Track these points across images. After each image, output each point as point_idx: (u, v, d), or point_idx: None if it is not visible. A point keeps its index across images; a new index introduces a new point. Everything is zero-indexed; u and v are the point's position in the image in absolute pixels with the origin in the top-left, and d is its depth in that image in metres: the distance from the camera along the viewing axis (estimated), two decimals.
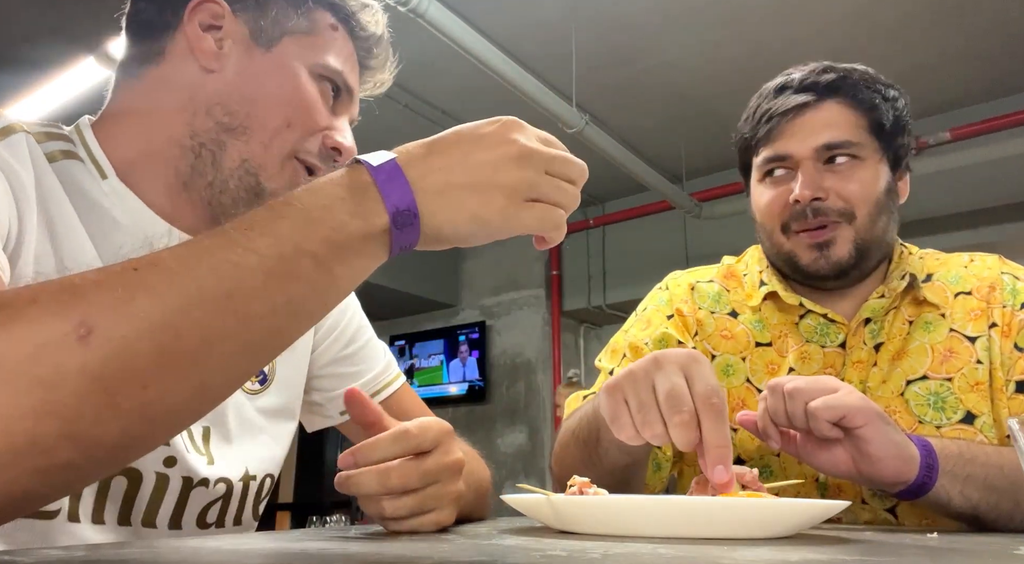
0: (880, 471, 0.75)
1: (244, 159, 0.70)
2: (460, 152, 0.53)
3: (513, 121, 0.55)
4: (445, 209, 0.51)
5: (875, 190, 0.96)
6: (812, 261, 0.96)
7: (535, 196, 0.53)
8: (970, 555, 0.49)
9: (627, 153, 3.99)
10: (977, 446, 0.82)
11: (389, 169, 0.51)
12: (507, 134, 0.54)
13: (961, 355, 0.94)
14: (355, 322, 0.94)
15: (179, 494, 0.70)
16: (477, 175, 0.52)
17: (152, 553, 0.44)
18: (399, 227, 0.50)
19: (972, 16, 3.20)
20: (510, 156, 0.53)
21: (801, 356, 0.99)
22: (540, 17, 3.25)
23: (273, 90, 0.71)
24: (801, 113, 0.97)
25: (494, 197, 0.52)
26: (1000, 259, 1.03)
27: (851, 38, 3.32)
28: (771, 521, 0.56)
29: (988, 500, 0.78)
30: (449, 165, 0.52)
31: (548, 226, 0.55)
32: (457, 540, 0.52)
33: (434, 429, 0.62)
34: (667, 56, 3.53)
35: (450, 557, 0.40)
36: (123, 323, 0.40)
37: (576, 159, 0.57)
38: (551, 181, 0.54)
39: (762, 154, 1.00)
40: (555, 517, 0.59)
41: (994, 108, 3.81)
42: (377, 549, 0.46)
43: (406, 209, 0.50)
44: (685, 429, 0.63)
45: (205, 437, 0.73)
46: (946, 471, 0.76)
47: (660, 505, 0.58)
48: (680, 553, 0.43)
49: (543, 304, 5.39)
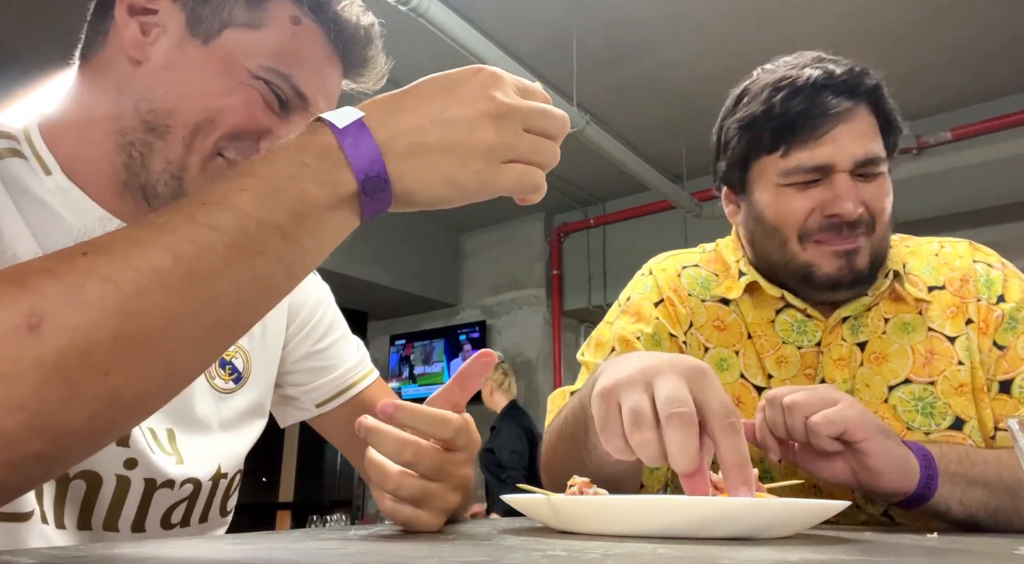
0: (880, 484, 0.74)
1: (168, 161, 0.64)
2: (433, 109, 0.49)
3: (490, 72, 0.51)
4: (417, 173, 0.48)
5: (889, 202, 0.94)
6: (836, 270, 0.91)
7: (512, 157, 0.50)
8: (970, 555, 0.49)
9: (628, 153, 3.99)
10: (976, 452, 0.81)
11: (355, 130, 0.47)
12: (484, 89, 0.50)
13: (943, 356, 0.91)
14: (328, 316, 0.91)
15: (142, 496, 0.67)
16: (451, 135, 0.48)
17: (164, 557, 0.44)
18: (369, 194, 0.48)
19: (972, 16, 3.20)
20: (488, 114, 0.49)
21: (778, 360, 0.97)
22: (540, 17, 3.25)
23: (201, 86, 0.64)
24: (842, 119, 0.90)
25: (470, 160, 0.49)
26: (971, 245, 0.99)
27: (851, 38, 3.32)
28: (771, 521, 0.56)
29: (987, 507, 0.78)
30: (421, 125, 0.48)
31: (526, 189, 0.52)
32: (457, 540, 0.52)
33: (472, 436, 0.60)
34: (667, 56, 3.53)
35: (450, 557, 0.40)
36: (75, 311, 0.39)
37: (556, 110, 0.53)
38: (530, 140, 0.51)
39: (794, 160, 0.91)
40: (555, 517, 0.59)
41: (994, 108, 3.81)
42: (377, 549, 0.46)
43: (376, 175, 0.47)
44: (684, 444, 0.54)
45: (170, 438, 0.71)
46: (945, 481, 0.76)
47: (660, 505, 0.58)
48: (680, 553, 0.43)
49: (543, 303, 5.39)
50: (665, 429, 0.55)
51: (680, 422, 0.55)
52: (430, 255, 5.70)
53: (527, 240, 5.59)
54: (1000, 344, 0.90)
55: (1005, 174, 3.76)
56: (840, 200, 0.89)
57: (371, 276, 5.18)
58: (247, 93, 0.65)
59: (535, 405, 5.26)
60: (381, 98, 0.50)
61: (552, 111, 0.53)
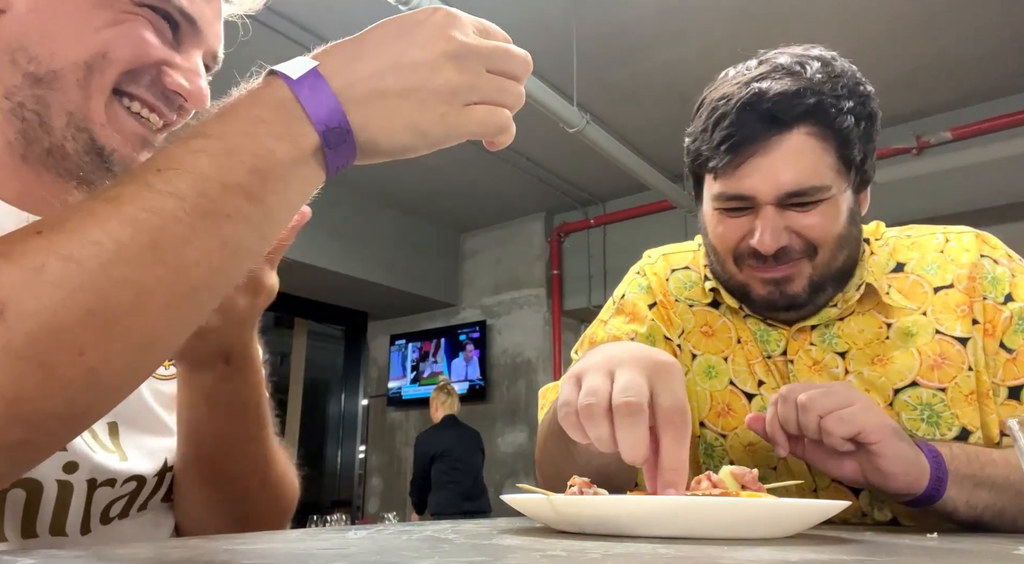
0: (890, 484, 0.74)
1: (69, 113, 0.59)
2: (391, 53, 0.47)
3: (447, 12, 0.49)
4: (379, 120, 0.46)
5: (838, 226, 0.86)
6: (767, 294, 0.89)
7: (476, 98, 0.48)
8: (970, 555, 0.49)
9: (628, 152, 3.99)
10: (985, 453, 0.79)
11: (311, 81, 0.45)
12: (443, 29, 0.48)
13: (954, 361, 0.86)
14: None
15: (85, 498, 0.64)
16: (411, 79, 0.46)
17: (164, 557, 0.44)
18: (332, 146, 0.46)
19: (972, 16, 3.20)
20: (447, 55, 0.47)
21: (766, 370, 0.95)
22: (540, 17, 3.25)
23: (81, 21, 0.58)
24: (767, 148, 0.83)
25: (432, 103, 0.47)
26: (978, 237, 0.93)
27: (851, 38, 3.32)
28: (771, 521, 0.56)
29: (993, 508, 0.77)
30: (379, 70, 0.46)
31: (492, 130, 0.50)
32: (457, 540, 0.52)
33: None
34: (667, 56, 3.53)
35: (450, 557, 0.40)
36: (38, 294, 0.37)
37: (518, 50, 0.51)
38: (493, 81, 0.49)
39: (718, 186, 0.88)
40: (555, 517, 0.59)
41: (994, 108, 3.81)
42: (377, 549, 0.46)
43: (337, 125, 0.45)
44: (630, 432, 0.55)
45: (112, 432, 0.67)
46: (955, 482, 0.75)
47: (660, 505, 0.58)
48: (680, 553, 0.43)
49: (544, 303, 5.39)
50: (615, 417, 0.56)
51: (627, 410, 0.56)
52: (430, 255, 5.70)
53: (527, 240, 5.59)
54: (1009, 347, 0.85)
55: (1005, 174, 3.76)
56: (759, 234, 0.85)
57: (371, 276, 5.18)
58: (134, 22, 0.59)
59: (536, 405, 5.25)
60: (335, 45, 0.48)
61: (513, 50, 0.51)
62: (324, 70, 0.46)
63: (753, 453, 0.93)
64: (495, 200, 5.29)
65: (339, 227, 4.92)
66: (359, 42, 0.48)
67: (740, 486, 0.65)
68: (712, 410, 0.97)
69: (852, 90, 0.86)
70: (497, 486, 4.94)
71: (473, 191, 5.08)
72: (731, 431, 0.95)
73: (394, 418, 6.01)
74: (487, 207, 5.42)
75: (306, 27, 3.25)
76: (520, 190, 5.05)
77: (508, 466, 5.24)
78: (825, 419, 0.73)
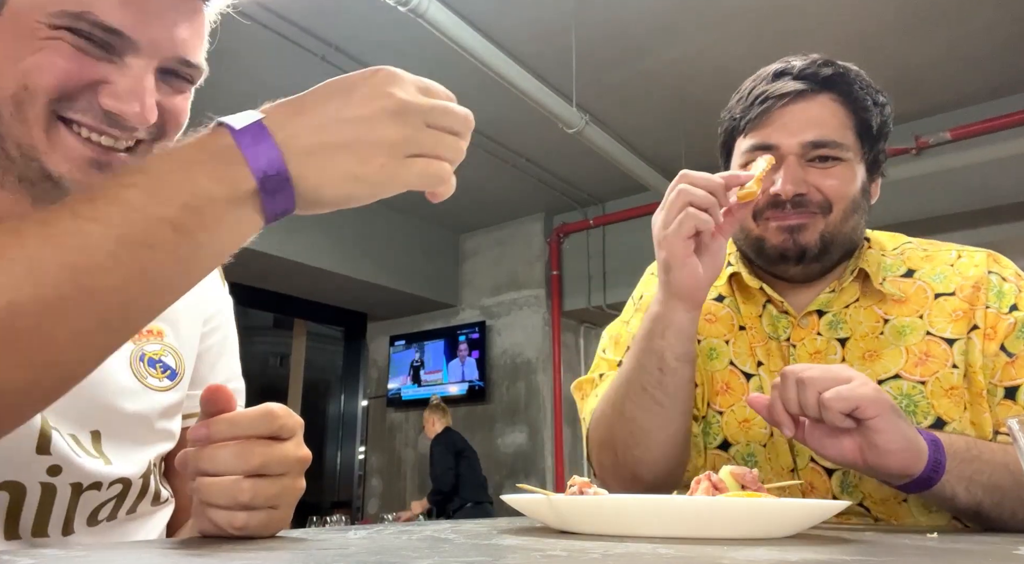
0: (888, 463, 0.75)
1: (18, 144, 0.59)
2: (333, 108, 0.49)
3: (389, 72, 0.52)
4: (320, 170, 0.48)
5: (852, 189, 0.96)
6: (781, 242, 0.95)
7: (416, 151, 0.51)
8: (970, 555, 0.49)
9: (627, 153, 3.99)
10: (984, 443, 0.81)
11: (254, 131, 0.47)
12: (383, 87, 0.50)
13: (937, 358, 0.92)
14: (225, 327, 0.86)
15: (69, 500, 0.65)
16: (351, 132, 0.49)
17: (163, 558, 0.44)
18: (269, 192, 0.47)
19: (972, 16, 3.20)
20: (387, 111, 0.49)
21: (767, 352, 1.00)
22: (540, 17, 3.25)
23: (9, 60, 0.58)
24: (795, 101, 0.95)
25: (372, 155, 0.49)
26: (989, 255, 0.99)
27: (851, 38, 3.32)
28: (771, 521, 0.56)
29: (992, 497, 0.78)
30: (321, 123, 0.49)
31: (432, 181, 0.52)
32: (457, 540, 0.52)
33: (294, 418, 0.55)
34: (667, 56, 3.53)
35: (450, 557, 0.40)
36: None
37: (459, 108, 0.53)
38: (432, 135, 0.51)
39: (748, 140, 0.98)
40: (555, 517, 0.59)
41: (994, 108, 3.81)
42: (377, 549, 0.46)
43: (276, 173, 0.47)
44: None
45: (95, 440, 0.68)
46: (953, 467, 0.76)
47: (660, 505, 0.58)
48: (680, 553, 0.43)
49: (543, 304, 5.39)
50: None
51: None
52: (430, 255, 5.70)
53: (527, 240, 5.59)
54: (1010, 351, 0.90)
55: (1005, 174, 3.76)
56: (781, 181, 0.93)
57: (371, 276, 5.18)
58: (52, 48, 0.58)
59: (536, 406, 5.26)
60: (281, 102, 0.50)
61: (453, 108, 0.53)
62: (268, 122, 0.48)
63: (747, 429, 0.98)
64: (495, 201, 5.29)
65: (339, 228, 4.92)
66: (303, 99, 0.50)
67: (740, 486, 0.65)
68: (712, 389, 1.02)
69: (870, 86, 0.98)
70: (497, 486, 4.94)
71: (473, 191, 5.08)
72: (728, 408, 1.00)
73: (394, 419, 6.01)
74: (487, 207, 5.43)
75: (308, 30, 3.26)
76: (520, 191, 5.06)
77: (508, 466, 5.25)
78: (824, 395, 0.74)
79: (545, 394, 5.25)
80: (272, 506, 0.53)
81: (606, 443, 0.96)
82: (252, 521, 0.52)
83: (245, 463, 0.52)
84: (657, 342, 0.89)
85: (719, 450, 0.99)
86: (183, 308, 0.77)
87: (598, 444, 0.98)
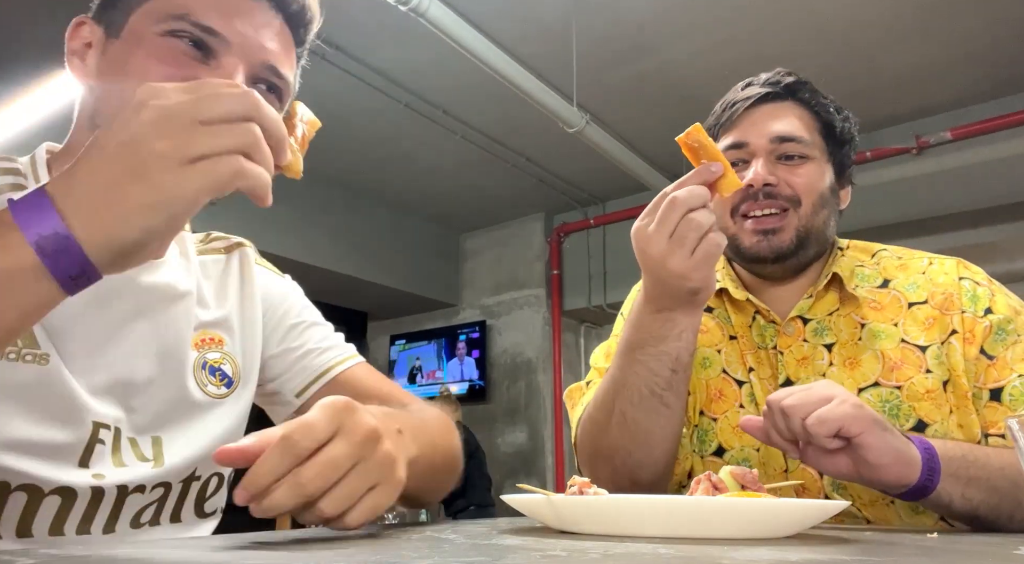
0: (881, 476, 0.75)
1: None
2: (98, 149, 0.46)
3: (145, 87, 0.48)
4: (104, 215, 0.45)
5: (820, 185, 1.01)
6: (756, 243, 0.99)
7: (196, 154, 0.46)
8: (970, 555, 0.49)
9: (627, 152, 3.99)
10: (979, 448, 0.82)
11: (29, 199, 0.45)
12: (139, 105, 0.47)
13: (911, 364, 0.94)
14: (296, 307, 0.91)
15: (113, 503, 0.68)
16: (121, 162, 0.45)
17: (163, 557, 0.44)
18: (49, 255, 0.44)
19: (972, 16, 3.20)
20: (146, 123, 0.46)
21: (757, 360, 1.03)
22: (540, 17, 3.25)
23: (125, 73, 0.65)
24: (762, 103, 1.03)
25: (145, 174, 0.45)
26: (959, 263, 1.02)
27: (850, 38, 3.32)
28: (771, 521, 0.56)
29: (989, 502, 0.78)
30: (92, 168, 0.46)
31: (223, 180, 0.47)
32: (457, 540, 0.52)
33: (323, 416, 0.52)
34: (667, 56, 3.53)
35: (450, 557, 0.40)
36: None
37: (232, 90, 0.49)
38: (208, 131, 0.47)
39: (722, 141, 1.04)
40: (555, 517, 0.59)
41: (994, 108, 3.81)
42: (377, 549, 0.46)
43: (51, 232, 0.44)
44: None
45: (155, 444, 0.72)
46: (948, 474, 0.77)
47: (660, 505, 0.58)
48: (680, 553, 0.43)
49: (543, 304, 5.39)
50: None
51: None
52: (430, 255, 5.70)
53: (527, 240, 5.58)
54: (989, 353, 0.92)
55: (1005, 174, 3.75)
56: (752, 171, 0.99)
57: (371, 276, 5.17)
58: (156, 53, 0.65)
59: (536, 405, 5.26)
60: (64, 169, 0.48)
61: (224, 92, 0.48)
62: (48, 187, 0.46)
63: (741, 434, 0.99)
64: (495, 200, 5.28)
65: (339, 228, 4.92)
66: (80, 156, 0.47)
67: (740, 486, 0.65)
68: (707, 396, 1.04)
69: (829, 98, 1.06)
70: (497, 486, 4.94)
71: (473, 191, 5.07)
72: (722, 414, 1.03)
73: None
74: (487, 207, 5.42)
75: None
76: (520, 190, 5.05)
77: (508, 466, 5.24)
78: (806, 421, 0.74)
79: (545, 394, 5.25)
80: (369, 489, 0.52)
81: (600, 453, 0.96)
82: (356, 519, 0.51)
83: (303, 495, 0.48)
84: (672, 344, 0.90)
85: (714, 457, 1.00)
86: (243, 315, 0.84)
87: (591, 455, 0.98)
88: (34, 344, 0.64)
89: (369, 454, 0.52)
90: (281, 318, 0.89)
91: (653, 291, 0.89)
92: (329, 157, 4.40)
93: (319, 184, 4.68)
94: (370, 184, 4.93)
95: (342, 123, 4.03)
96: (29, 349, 0.63)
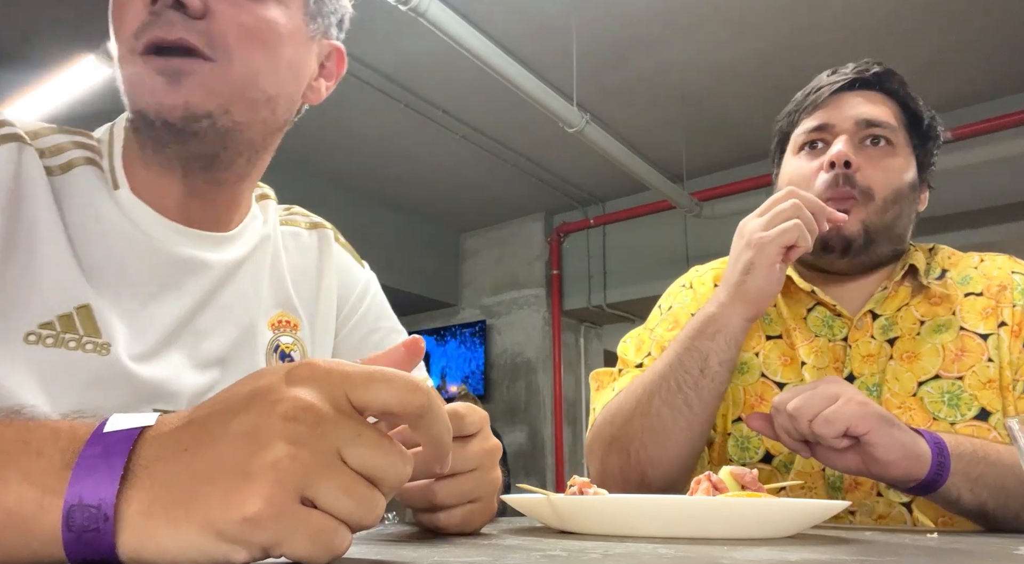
0: (890, 472, 0.76)
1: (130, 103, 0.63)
2: (219, 422, 0.33)
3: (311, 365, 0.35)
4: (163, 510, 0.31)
5: (899, 179, 0.98)
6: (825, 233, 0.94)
7: (312, 495, 0.32)
8: (970, 555, 0.49)
9: (627, 152, 3.99)
10: (990, 445, 0.82)
11: (120, 435, 0.33)
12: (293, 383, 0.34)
13: (973, 352, 0.94)
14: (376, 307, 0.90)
15: None
16: (227, 454, 0.32)
17: None
18: (74, 529, 0.31)
19: (972, 16, 3.20)
20: (285, 417, 0.32)
21: (813, 350, 1.01)
22: (540, 17, 3.25)
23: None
24: (848, 90, 1.02)
25: (250, 486, 0.31)
26: (1011, 259, 1.03)
27: (850, 37, 3.32)
28: (771, 521, 0.56)
29: (997, 499, 0.79)
30: (194, 440, 0.33)
31: (318, 552, 0.32)
32: (457, 540, 0.52)
33: (478, 412, 0.54)
34: (667, 56, 3.53)
35: (450, 557, 0.40)
36: None
37: (401, 450, 0.35)
38: (346, 477, 0.33)
39: (803, 125, 1.04)
40: (555, 517, 0.59)
41: (994, 108, 3.81)
42: (377, 549, 0.46)
43: (95, 504, 0.31)
44: None
45: None
46: (958, 469, 0.77)
47: (660, 505, 0.58)
48: (680, 553, 0.43)
49: (543, 303, 5.39)
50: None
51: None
52: (430, 255, 5.70)
53: (527, 240, 5.59)
54: None
55: (1005, 174, 3.75)
56: (834, 149, 0.97)
57: None
58: None
59: (536, 404, 5.26)
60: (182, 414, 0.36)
61: (389, 447, 0.34)
62: (146, 432, 0.34)
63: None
64: (495, 200, 5.29)
65: (339, 227, 4.90)
66: (197, 408, 0.35)
67: (740, 486, 0.65)
68: (746, 403, 1.01)
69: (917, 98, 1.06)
70: None
71: (473, 191, 5.08)
72: None
73: None
74: (487, 207, 5.43)
75: None
76: (520, 190, 5.06)
77: (508, 466, 5.25)
78: (813, 423, 0.75)
79: (545, 393, 5.25)
80: (471, 501, 0.54)
81: (618, 441, 0.94)
82: (451, 519, 0.54)
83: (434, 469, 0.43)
84: (705, 343, 0.89)
85: (762, 463, 0.98)
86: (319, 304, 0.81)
87: (607, 442, 0.96)
88: (95, 332, 0.60)
89: (488, 467, 0.55)
90: (357, 322, 0.86)
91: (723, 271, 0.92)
92: (329, 157, 4.41)
93: (319, 183, 4.68)
94: (370, 184, 4.93)
95: (342, 123, 4.04)
96: (90, 338, 0.60)
